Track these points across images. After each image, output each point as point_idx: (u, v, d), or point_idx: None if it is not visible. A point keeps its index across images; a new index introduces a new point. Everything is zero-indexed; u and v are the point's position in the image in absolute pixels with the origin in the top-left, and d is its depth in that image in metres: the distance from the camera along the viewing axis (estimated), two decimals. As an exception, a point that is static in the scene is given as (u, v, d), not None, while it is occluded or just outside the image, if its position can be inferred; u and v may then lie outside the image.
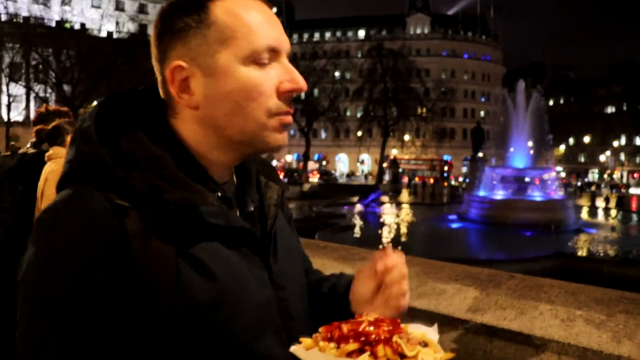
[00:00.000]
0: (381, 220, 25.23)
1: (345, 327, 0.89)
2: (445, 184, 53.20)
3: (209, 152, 1.09)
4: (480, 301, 2.17)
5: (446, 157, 72.58)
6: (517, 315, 2.00)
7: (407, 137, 60.09)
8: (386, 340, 0.86)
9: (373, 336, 0.86)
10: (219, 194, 1.08)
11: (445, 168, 64.51)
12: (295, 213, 27.79)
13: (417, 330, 0.94)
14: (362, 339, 0.86)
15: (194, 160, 1.05)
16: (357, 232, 20.95)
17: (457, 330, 2.15)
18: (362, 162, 72.22)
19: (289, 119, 1.09)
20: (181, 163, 1.02)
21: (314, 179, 58.72)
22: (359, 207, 28.93)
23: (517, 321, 1.97)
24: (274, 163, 76.32)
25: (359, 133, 62.83)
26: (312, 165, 68.94)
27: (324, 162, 76.06)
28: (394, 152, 62.00)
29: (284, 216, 1.29)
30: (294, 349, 0.92)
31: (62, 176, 0.99)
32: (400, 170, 52.83)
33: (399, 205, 33.21)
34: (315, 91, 56.57)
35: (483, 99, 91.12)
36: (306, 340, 0.92)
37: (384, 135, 54.89)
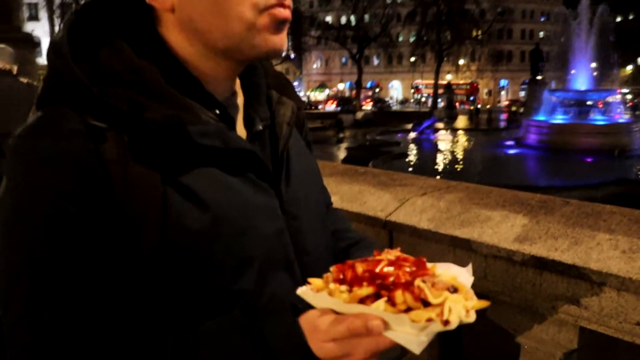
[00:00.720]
0: (436, 147, 24.95)
1: (360, 267, 0.78)
2: (472, 107, 51.63)
3: (201, 62, 0.95)
4: (530, 229, 1.93)
5: (503, 82, 70.20)
6: (571, 245, 1.77)
7: (461, 62, 58.25)
8: (407, 284, 0.75)
9: (391, 279, 0.75)
10: (217, 111, 0.97)
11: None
12: (349, 142, 27.85)
13: (446, 271, 0.82)
14: (379, 282, 0.75)
15: (186, 72, 0.94)
16: (411, 159, 20.80)
17: (502, 261, 1.94)
18: (417, 89, 70.69)
19: (285, 12, 0.91)
20: (171, 77, 0.90)
21: (367, 106, 58.15)
22: (413, 134, 28.66)
23: (570, 252, 1.75)
24: (326, 92, 76.19)
25: (412, 59, 61.33)
26: (365, 92, 67.94)
27: (377, 90, 74.84)
28: (448, 78, 60.39)
29: (300, 137, 1.19)
30: (300, 291, 0.83)
31: (38, 97, 0.90)
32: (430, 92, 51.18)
33: (454, 131, 32.67)
34: (366, 17, 55.03)
35: (542, 19, 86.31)
36: (315, 281, 0.82)
37: (437, 60, 53.27)
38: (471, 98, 62.24)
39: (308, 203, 1.10)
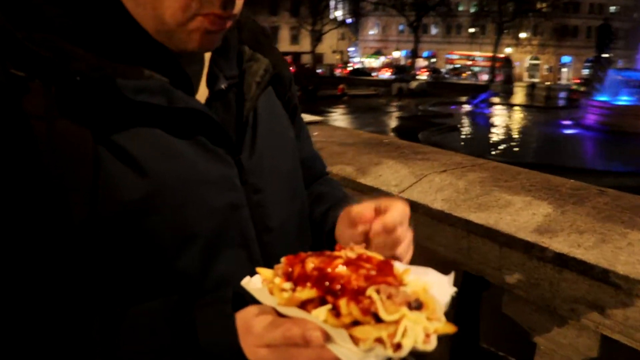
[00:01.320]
0: (490, 122, 24.37)
1: (310, 263, 0.69)
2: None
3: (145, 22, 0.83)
4: (553, 220, 1.74)
5: (565, 59, 67.66)
6: (597, 242, 1.55)
7: (523, 35, 56.28)
8: (356, 292, 0.64)
9: (340, 283, 0.65)
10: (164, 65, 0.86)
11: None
12: (400, 111, 27.47)
13: (420, 278, 0.70)
14: (326, 284, 0.66)
15: (132, 22, 0.82)
16: (463, 133, 20.41)
17: (519, 253, 1.74)
18: (474, 61, 68.90)
19: (217, 25, 0.83)
20: (113, 25, 0.81)
21: (423, 76, 57.22)
22: (467, 107, 28.11)
23: (595, 251, 1.53)
24: (381, 59, 75.22)
25: (471, 30, 59.59)
26: (420, 62, 66.77)
27: (433, 60, 73.35)
28: (507, 51, 58.59)
29: (278, 101, 1.08)
30: (245, 282, 0.76)
31: None
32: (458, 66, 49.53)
33: (510, 107, 31.82)
34: (426, -17, 53.49)
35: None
36: (264, 272, 0.74)
37: (497, 32, 51.52)
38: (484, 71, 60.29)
39: (276, 174, 0.99)
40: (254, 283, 0.75)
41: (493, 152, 16.21)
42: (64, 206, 0.75)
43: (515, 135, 20.67)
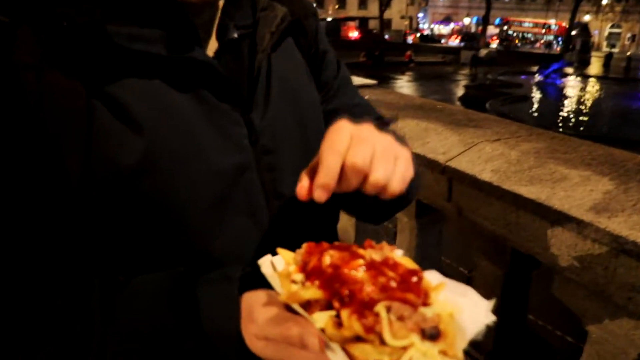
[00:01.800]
0: (561, 93, 23.46)
1: (328, 257, 0.63)
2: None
3: None
4: (613, 198, 1.57)
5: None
6: (663, 225, 1.36)
7: (604, 1, 53.32)
8: (364, 304, 0.58)
9: (349, 290, 0.59)
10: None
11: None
12: (468, 80, 26.77)
13: (452, 298, 0.62)
14: (336, 286, 0.60)
15: None
16: (532, 104, 19.73)
17: (571, 233, 1.58)
18: (548, 29, 65.92)
19: None
20: None
21: (493, 44, 55.39)
22: (537, 78, 27.13)
23: (659, 234, 1.34)
24: (451, 25, 73.17)
25: (548, -5, 57.00)
26: (491, 30, 64.55)
27: (505, 27, 70.66)
28: (586, 19, 55.76)
29: (302, 54, 1.00)
30: (262, 261, 0.70)
31: None
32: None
33: (584, 78, 30.46)
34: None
35: None
36: (284, 254, 0.68)
37: (577, -2, 48.96)
38: (558, 39, 57.29)
39: (292, 135, 0.91)
40: (271, 265, 0.69)
41: (561, 125, 15.55)
42: (59, 163, 0.70)
43: (587, 108, 19.77)
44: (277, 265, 0.69)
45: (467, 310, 0.61)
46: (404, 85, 24.50)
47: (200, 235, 0.79)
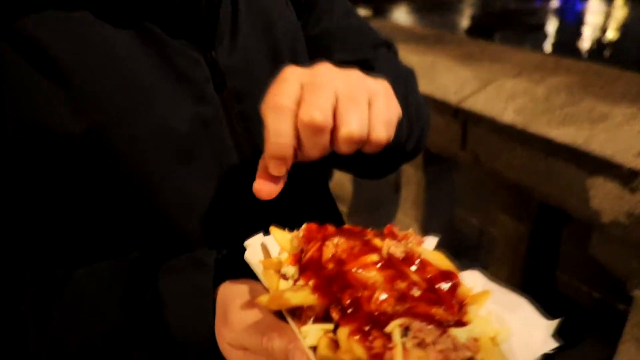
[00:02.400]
0: (582, 19, 22.91)
1: (332, 248, 0.52)
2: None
3: None
4: None
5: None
6: None
7: None
8: (371, 319, 0.46)
9: (352, 297, 0.48)
10: None
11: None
12: (474, 8, 26.12)
13: (498, 314, 0.52)
14: (337, 289, 0.49)
15: None
16: (548, 33, 19.27)
17: (615, 183, 1.43)
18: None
19: None
20: None
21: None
22: (555, 3, 26.51)
23: None
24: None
25: None
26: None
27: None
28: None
29: None
30: (251, 241, 0.61)
31: None
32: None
33: (609, 1, 29.69)
34: None
35: None
36: (278, 234, 0.59)
37: None
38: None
39: (269, 72, 0.75)
40: (260, 248, 0.60)
41: (588, 57, 15.20)
42: None
43: (615, 36, 19.29)
44: (270, 248, 0.61)
45: (518, 332, 0.51)
46: (400, 17, 24.01)
47: (158, 210, 0.71)
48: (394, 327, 0.45)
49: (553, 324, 0.53)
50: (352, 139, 0.55)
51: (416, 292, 0.48)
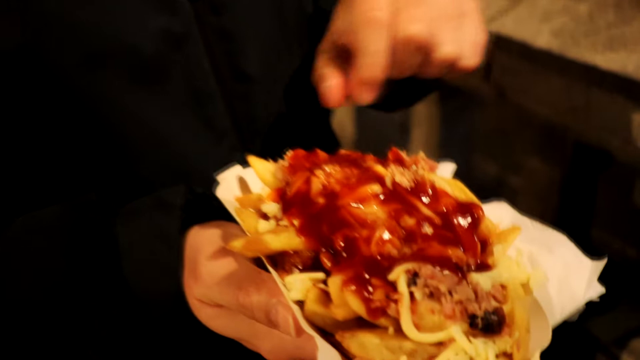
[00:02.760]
0: None
1: (322, 177, 0.47)
2: None
3: None
4: None
5: None
6: None
7: None
8: (371, 264, 0.41)
9: (344, 239, 0.43)
10: None
11: None
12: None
13: (532, 255, 0.49)
14: (328, 229, 0.43)
15: None
16: None
17: None
18: None
19: None
20: None
21: None
22: None
23: None
24: None
25: None
26: None
27: None
28: None
29: None
30: (224, 175, 0.56)
31: None
32: None
33: None
34: None
35: None
36: (257, 164, 0.54)
37: None
38: None
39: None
40: (237, 182, 0.55)
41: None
42: None
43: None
44: (248, 183, 0.56)
45: (556, 276, 0.47)
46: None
47: (116, 141, 0.67)
48: (399, 274, 0.40)
49: (598, 265, 0.49)
50: (446, 60, 0.56)
51: (428, 230, 0.44)
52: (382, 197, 0.45)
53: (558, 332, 0.45)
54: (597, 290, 0.48)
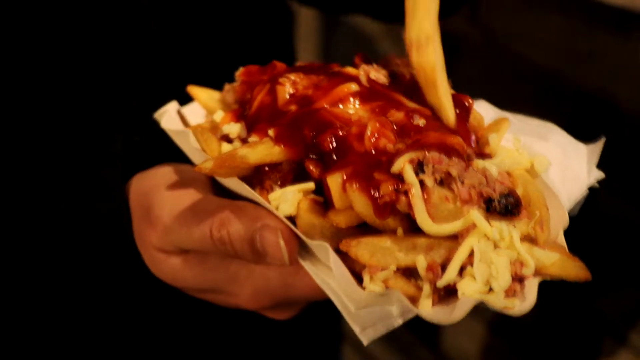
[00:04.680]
0: None
1: (289, 87, 0.44)
2: None
3: None
4: None
5: None
6: None
7: None
8: (364, 162, 0.39)
9: (333, 137, 0.40)
10: None
11: None
12: None
13: (526, 143, 0.46)
14: (311, 133, 0.40)
15: None
16: None
17: None
18: None
19: None
20: None
21: None
22: None
23: None
24: None
25: None
26: None
27: None
28: None
29: None
30: (162, 111, 0.50)
31: None
32: None
33: None
34: None
35: None
36: (201, 94, 0.50)
37: None
38: None
39: None
40: (178, 118, 0.49)
41: None
42: None
43: None
44: (188, 118, 0.49)
45: (557, 161, 0.45)
46: None
47: (64, 67, 0.60)
48: (403, 164, 0.36)
49: (594, 148, 0.46)
50: None
51: (420, 121, 0.40)
52: (360, 96, 0.41)
53: (562, 311, 0.47)
54: (598, 175, 0.46)
